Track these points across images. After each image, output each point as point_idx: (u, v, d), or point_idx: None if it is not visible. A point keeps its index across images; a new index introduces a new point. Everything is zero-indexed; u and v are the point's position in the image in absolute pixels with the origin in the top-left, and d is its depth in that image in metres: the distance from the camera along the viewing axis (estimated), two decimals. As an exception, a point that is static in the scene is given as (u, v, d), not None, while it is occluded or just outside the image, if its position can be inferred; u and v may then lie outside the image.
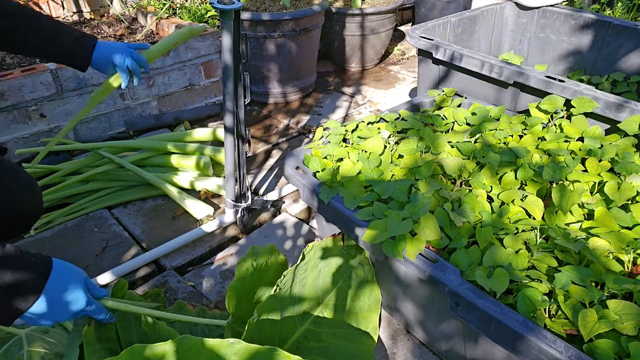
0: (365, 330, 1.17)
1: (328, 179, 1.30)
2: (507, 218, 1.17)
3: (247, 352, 0.76)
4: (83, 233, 1.70)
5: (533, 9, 2.26)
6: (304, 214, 1.83)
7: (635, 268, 1.03)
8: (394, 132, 1.51)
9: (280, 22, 2.37)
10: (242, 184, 1.68)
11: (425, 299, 1.16)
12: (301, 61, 2.59)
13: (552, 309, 0.98)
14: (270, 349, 0.77)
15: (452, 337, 1.15)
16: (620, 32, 2.01)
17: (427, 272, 1.03)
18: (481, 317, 0.95)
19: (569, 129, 1.43)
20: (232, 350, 0.76)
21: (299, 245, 1.67)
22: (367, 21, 2.86)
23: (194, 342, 0.76)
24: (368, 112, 2.57)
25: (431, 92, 1.77)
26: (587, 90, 1.50)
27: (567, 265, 1.01)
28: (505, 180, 1.28)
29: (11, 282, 0.75)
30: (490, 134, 1.45)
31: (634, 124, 1.38)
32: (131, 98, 2.23)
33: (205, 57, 2.42)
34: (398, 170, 1.34)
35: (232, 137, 1.58)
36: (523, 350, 0.90)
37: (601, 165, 1.28)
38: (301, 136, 2.34)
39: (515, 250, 1.06)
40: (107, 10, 2.99)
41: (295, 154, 1.41)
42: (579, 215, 1.17)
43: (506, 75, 1.70)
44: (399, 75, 3.02)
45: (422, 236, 1.07)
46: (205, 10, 2.85)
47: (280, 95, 2.64)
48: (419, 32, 1.99)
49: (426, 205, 1.12)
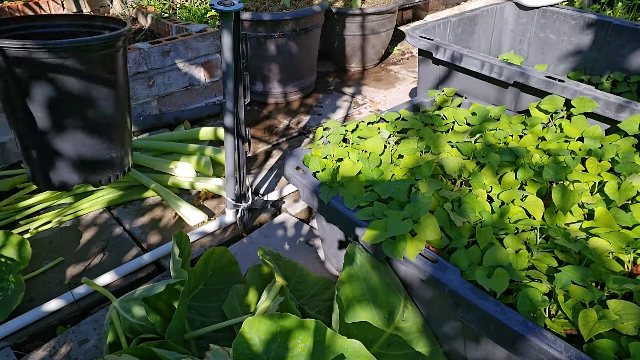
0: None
1: (328, 179, 1.30)
2: (507, 218, 1.17)
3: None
4: (83, 233, 1.70)
5: (533, 9, 2.26)
6: (304, 214, 1.83)
7: (635, 268, 1.03)
8: (394, 132, 1.51)
9: (280, 22, 2.37)
10: (242, 184, 1.68)
11: (425, 299, 1.16)
12: (301, 61, 2.59)
13: (552, 309, 0.98)
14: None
15: (453, 337, 1.15)
16: (620, 32, 2.01)
17: (427, 272, 1.03)
18: (481, 317, 0.95)
19: (569, 129, 1.43)
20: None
21: (299, 245, 1.67)
22: (367, 21, 2.86)
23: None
24: (368, 112, 2.57)
25: (431, 92, 1.77)
26: (587, 90, 1.50)
27: (567, 265, 1.01)
28: (505, 180, 1.28)
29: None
30: (491, 134, 1.45)
31: (634, 124, 1.38)
32: (131, 98, 2.23)
33: (205, 57, 2.42)
34: (398, 170, 1.34)
35: (233, 137, 1.58)
36: (523, 350, 0.89)
37: (601, 165, 1.28)
38: (301, 136, 2.34)
39: (515, 250, 1.06)
40: (107, 10, 2.99)
41: (296, 154, 1.41)
42: (579, 215, 1.17)
43: (506, 75, 1.70)
44: (399, 75, 3.02)
45: (422, 236, 1.07)
46: (205, 10, 2.85)
47: (280, 95, 2.64)
48: (419, 32, 1.99)
49: (426, 205, 1.12)
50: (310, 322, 0.92)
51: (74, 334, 1.35)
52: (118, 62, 1.48)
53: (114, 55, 1.45)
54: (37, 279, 1.52)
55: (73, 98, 1.40)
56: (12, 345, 1.31)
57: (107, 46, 1.42)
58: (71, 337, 1.34)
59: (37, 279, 1.52)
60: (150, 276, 1.55)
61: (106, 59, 1.43)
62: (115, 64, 1.47)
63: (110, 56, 1.44)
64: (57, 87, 1.36)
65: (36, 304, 1.42)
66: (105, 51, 1.41)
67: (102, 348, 1.26)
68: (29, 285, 1.50)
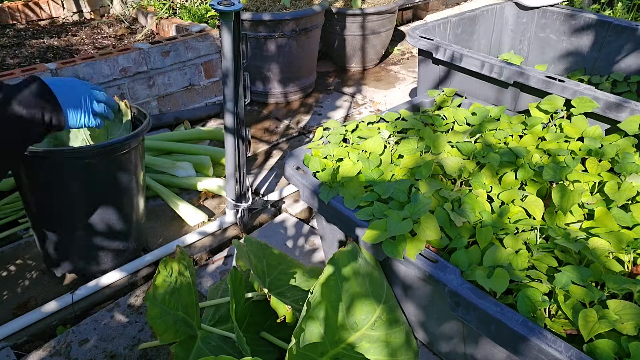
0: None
1: (328, 179, 1.30)
2: (507, 218, 1.17)
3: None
4: (83, 233, 1.70)
5: (533, 9, 2.26)
6: (304, 214, 1.83)
7: (635, 268, 1.03)
8: (394, 132, 1.51)
9: (280, 22, 2.37)
10: (242, 184, 1.68)
11: (425, 300, 1.16)
12: (301, 61, 2.59)
13: (552, 309, 0.98)
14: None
15: (453, 338, 1.15)
16: (620, 32, 2.01)
17: (427, 272, 1.03)
18: (481, 317, 0.95)
19: (569, 129, 1.43)
20: None
21: (300, 245, 1.67)
22: (367, 21, 2.86)
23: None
24: (368, 112, 2.57)
25: (431, 92, 1.77)
26: (587, 90, 1.50)
27: (567, 265, 1.01)
28: (505, 180, 1.28)
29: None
30: (491, 134, 1.45)
31: (634, 124, 1.38)
32: (131, 98, 2.23)
33: (205, 57, 2.42)
34: (398, 170, 1.34)
35: (233, 137, 1.58)
36: (523, 350, 0.90)
37: (601, 165, 1.28)
38: (301, 136, 2.34)
39: (515, 250, 1.06)
40: (107, 10, 2.99)
41: (296, 154, 1.41)
42: (579, 215, 1.17)
43: (506, 75, 1.70)
44: (399, 75, 3.02)
45: (422, 236, 1.07)
46: (205, 10, 2.85)
47: (280, 95, 2.64)
48: (419, 32, 1.99)
49: (426, 205, 1.12)
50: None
51: (74, 334, 1.35)
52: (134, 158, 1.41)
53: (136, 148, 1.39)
54: (37, 279, 1.52)
55: (89, 194, 1.37)
56: (12, 345, 1.31)
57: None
58: (71, 337, 1.34)
59: (37, 279, 1.52)
60: (151, 276, 1.55)
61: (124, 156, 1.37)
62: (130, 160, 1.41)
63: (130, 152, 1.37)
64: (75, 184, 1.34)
65: (36, 304, 1.43)
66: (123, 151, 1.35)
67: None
68: (29, 285, 1.50)
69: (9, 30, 2.72)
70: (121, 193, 1.41)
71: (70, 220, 1.38)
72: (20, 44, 2.54)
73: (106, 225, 1.42)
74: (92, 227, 1.40)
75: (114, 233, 1.45)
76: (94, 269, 1.49)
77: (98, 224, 1.40)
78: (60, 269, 1.47)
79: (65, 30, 2.76)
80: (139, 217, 1.52)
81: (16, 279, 1.52)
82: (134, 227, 1.51)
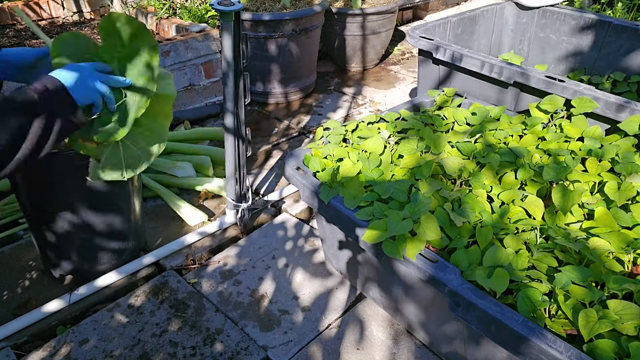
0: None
1: (328, 179, 1.30)
2: (507, 218, 1.17)
3: None
4: (83, 233, 1.70)
5: (533, 9, 2.26)
6: (304, 214, 1.83)
7: (635, 268, 1.03)
8: (394, 132, 1.51)
9: (280, 22, 2.37)
10: (242, 184, 1.68)
11: (425, 300, 1.16)
12: (301, 61, 2.59)
13: (552, 309, 0.98)
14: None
15: (453, 338, 1.15)
16: (620, 32, 2.01)
17: (427, 272, 1.03)
18: (481, 317, 0.95)
19: (569, 129, 1.43)
20: None
21: (300, 245, 1.67)
22: (367, 21, 2.86)
23: None
24: (368, 112, 2.57)
25: (431, 92, 1.77)
26: (587, 90, 1.50)
27: (567, 265, 1.01)
28: (505, 181, 1.28)
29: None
30: (491, 134, 1.45)
31: (634, 124, 1.38)
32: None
33: (205, 57, 2.42)
34: (398, 170, 1.34)
35: (233, 137, 1.58)
36: (523, 350, 0.90)
37: (601, 166, 1.28)
38: (301, 136, 2.35)
39: (515, 250, 1.06)
40: (107, 10, 2.99)
41: (296, 154, 1.41)
42: (579, 215, 1.17)
43: (506, 75, 1.70)
44: (399, 75, 3.02)
45: (422, 236, 1.07)
46: (205, 10, 2.85)
47: (280, 95, 2.64)
48: (419, 32, 1.99)
49: (426, 205, 1.12)
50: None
51: (74, 334, 1.35)
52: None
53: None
54: (37, 279, 1.52)
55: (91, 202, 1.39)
56: (12, 345, 1.31)
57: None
58: (71, 337, 1.34)
59: (37, 279, 1.52)
60: (151, 276, 1.55)
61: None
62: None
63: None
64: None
65: (36, 304, 1.43)
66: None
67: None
68: (29, 286, 1.50)
69: (9, 30, 2.72)
70: (117, 193, 1.41)
71: (67, 221, 1.37)
72: (20, 44, 2.54)
73: (104, 226, 1.42)
74: (90, 227, 1.40)
75: (111, 233, 1.45)
76: (93, 269, 1.49)
77: (96, 224, 1.40)
78: (59, 270, 1.47)
79: (65, 31, 2.76)
80: (137, 217, 1.52)
81: (16, 279, 1.52)
82: (132, 227, 1.51)
